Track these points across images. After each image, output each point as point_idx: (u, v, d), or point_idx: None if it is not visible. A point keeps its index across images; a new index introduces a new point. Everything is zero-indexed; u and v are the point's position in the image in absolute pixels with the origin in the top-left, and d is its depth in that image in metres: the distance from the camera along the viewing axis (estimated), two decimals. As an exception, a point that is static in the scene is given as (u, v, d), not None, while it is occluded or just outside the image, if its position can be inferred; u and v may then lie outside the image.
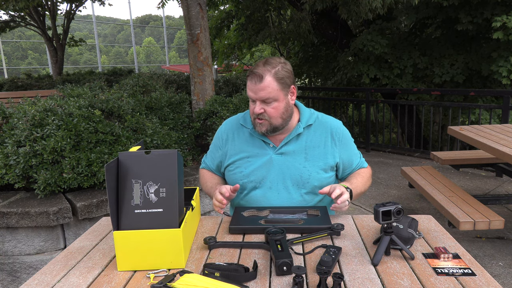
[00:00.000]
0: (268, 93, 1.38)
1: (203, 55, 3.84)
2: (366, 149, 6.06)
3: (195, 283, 0.91)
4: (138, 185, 1.10)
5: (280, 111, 1.42)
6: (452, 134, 3.28)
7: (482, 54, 6.01)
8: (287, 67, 1.43)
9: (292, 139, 1.50)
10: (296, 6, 7.20)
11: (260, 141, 1.52)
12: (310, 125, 1.52)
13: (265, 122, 1.43)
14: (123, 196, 1.09)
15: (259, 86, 1.38)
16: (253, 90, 1.40)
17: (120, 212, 1.08)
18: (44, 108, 2.57)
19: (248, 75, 1.42)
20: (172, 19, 57.58)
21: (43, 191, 2.36)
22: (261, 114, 1.42)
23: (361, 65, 6.74)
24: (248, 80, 1.42)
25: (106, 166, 1.03)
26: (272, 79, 1.38)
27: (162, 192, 1.09)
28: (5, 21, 10.30)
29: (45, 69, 23.67)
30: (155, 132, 2.91)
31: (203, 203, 2.85)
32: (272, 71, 1.38)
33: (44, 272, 1.09)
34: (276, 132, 1.47)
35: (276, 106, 1.41)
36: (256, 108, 1.41)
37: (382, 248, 1.07)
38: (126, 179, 1.10)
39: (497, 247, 2.87)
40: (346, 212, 3.67)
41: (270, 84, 1.38)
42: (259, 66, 1.40)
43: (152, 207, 1.08)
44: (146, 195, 1.09)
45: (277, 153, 1.50)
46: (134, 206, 1.08)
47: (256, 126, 1.46)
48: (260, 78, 1.37)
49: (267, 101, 1.40)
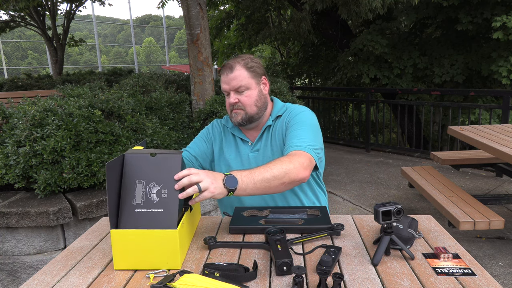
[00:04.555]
0: (239, 81, 1.45)
1: (203, 55, 3.84)
2: (366, 149, 6.06)
3: (195, 283, 0.91)
4: (141, 185, 1.10)
5: (253, 99, 1.47)
6: (452, 134, 3.28)
7: (482, 54, 6.01)
8: (255, 59, 1.51)
9: (264, 134, 1.54)
10: (296, 6, 7.20)
11: (239, 140, 1.56)
12: (279, 117, 1.54)
13: (240, 111, 1.48)
14: (125, 194, 1.09)
15: (230, 76, 1.45)
16: (225, 81, 1.47)
17: (120, 210, 1.09)
18: (44, 108, 2.57)
19: (220, 71, 1.50)
20: (172, 19, 57.56)
21: (43, 191, 2.36)
22: (236, 104, 1.47)
23: (361, 65, 6.74)
24: (221, 74, 1.49)
25: (107, 164, 1.03)
26: (242, 68, 1.46)
27: (164, 193, 1.09)
28: (5, 21, 10.29)
29: (45, 69, 23.67)
30: (155, 132, 2.91)
31: (203, 203, 2.85)
32: (241, 62, 1.47)
33: (44, 272, 1.09)
34: (252, 122, 1.51)
35: (249, 94, 1.47)
36: (231, 98, 1.47)
37: (382, 248, 1.07)
38: (130, 178, 1.11)
39: (497, 247, 2.87)
40: (346, 212, 3.67)
41: (241, 73, 1.45)
42: (229, 60, 1.49)
43: (152, 207, 1.09)
44: (148, 195, 1.09)
45: (253, 150, 1.53)
46: (135, 205, 1.09)
47: (232, 118, 1.50)
48: (231, 68, 1.46)
49: (239, 90, 1.46)
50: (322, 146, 1.48)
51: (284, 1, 8.18)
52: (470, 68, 6.18)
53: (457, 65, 6.16)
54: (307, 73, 10.15)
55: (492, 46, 5.81)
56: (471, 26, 5.73)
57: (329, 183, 4.47)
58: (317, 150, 1.40)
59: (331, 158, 5.62)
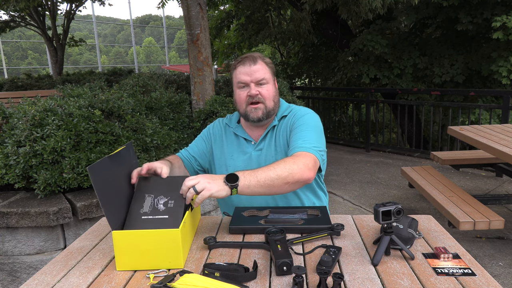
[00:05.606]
0: (263, 73, 1.45)
1: (203, 55, 3.84)
2: (366, 149, 6.06)
3: (195, 283, 0.91)
4: (150, 198, 1.18)
5: (272, 94, 1.48)
6: (452, 134, 3.28)
7: (482, 54, 6.01)
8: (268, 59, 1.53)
9: (268, 133, 1.53)
10: (296, 6, 7.20)
11: (242, 140, 1.55)
12: (284, 117, 1.54)
13: (260, 105, 1.45)
14: (133, 206, 1.17)
15: (253, 68, 1.44)
16: (247, 72, 1.44)
17: (127, 219, 1.13)
18: (44, 108, 2.57)
19: (237, 63, 1.47)
20: (172, 19, 57.59)
21: (43, 191, 2.36)
22: (256, 96, 1.44)
23: (361, 65, 6.73)
24: (239, 65, 1.46)
25: (89, 168, 1.03)
26: (263, 62, 1.47)
27: (170, 203, 1.16)
28: (5, 21, 10.30)
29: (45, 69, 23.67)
30: (155, 132, 2.91)
31: (204, 203, 2.85)
32: (262, 57, 1.48)
33: (44, 272, 1.09)
34: (268, 118, 1.49)
35: (269, 88, 1.47)
36: (252, 90, 1.44)
37: (382, 248, 1.07)
38: (140, 193, 1.20)
39: (497, 247, 2.87)
40: (346, 212, 3.67)
41: (263, 67, 1.45)
42: (247, 55, 1.48)
43: (159, 214, 1.13)
44: (156, 205, 1.16)
45: (256, 149, 1.52)
46: (142, 213, 1.14)
47: (251, 113, 1.46)
48: (254, 60, 1.45)
49: (261, 82, 1.45)
50: (325, 148, 1.49)
51: (284, 1, 8.18)
52: (470, 68, 6.18)
53: (457, 65, 6.16)
54: (307, 73, 10.15)
55: (492, 46, 5.81)
56: (471, 26, 5.73)
57: (329, 183, 4.47)
58: (321, 152, 1.40)
59: (331, 158, 5.63)
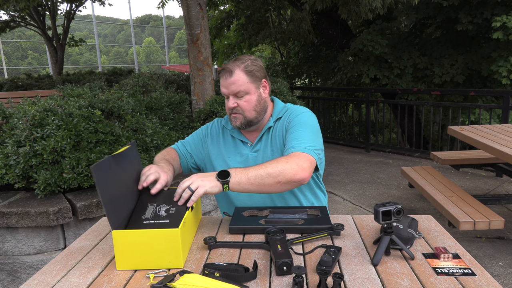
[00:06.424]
0: (238, 86, 1.43)
1: (203, 55, 3.85)
2: (366, 149, 6.06)
3: (195, 283, 0.91)
4: (153, 207, 1.20)
5: (252, 104, 1.46)
6: (452, 134, 3.28)
7: (482, 54, 6.01)
8: (256, 62, 1.48)
9: (264, 135, 1.53)
10: (296, 6, 7.21)
11: (239, 142, 1.56)
12: (280, 118, 1.54)
13: (239, 116, 1.47)
14: (136, 213, 1.19)
15: (229, 81, 1.43)
16: (224, 85, 1.45)
17: (129, 224, 1.14)
18: (44, 108, 2.57)
19: (219, 73, 1.48)
20: (172, 19, 57.56)
21: (43, 191, 2.36)
22: (235, 109, 1.46)
23: (361, 65, 6.74)
24: (220, 77, 1.47)
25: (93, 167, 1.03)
26: (242, 72, 1.43)
27: (172, 210, 1.18)
28: (5, 21, 10.30)
29: (45, 69, 23.67)
30: (155, 132, 2.91)
31: (204, 203, 2.85)
32: (241, 66, 1.44)
33: (44, 272, 1.09)
34: (251, 126, 1.50)
35: (248, 99, 1.45)
36: (230, 102, 1.45)
37: (382, 248, 1.07)
38: (143, 202, 1.23)
39: (497, 247, 2.87)
40: (346, 212, 3.67)
41: (240, 78, 1.43)
42: (229, 62, 1.47)
43: (160, 219, 1.14)
44: (157, 212, 1.18)
45: (253, 151, 1.52)
46: (143, 219, 1.15)
47: (231, 121, 1.50)
48: (230, 72, 1.43)
49: (238, 94, 1.44)
50: (322, 147, 1.48)
51: (284, 1, 8.18)
52: (470, 68, 6.18)
53: (457, 65, 6.16)
54: (307, 73, 10.15)
55: (492, 46, 5.81)
56: (471, 26, 5.73)
57: (329, 183, 4.47)
58: (318, 151, 1.40)
59: (331, 158, 5.63)
